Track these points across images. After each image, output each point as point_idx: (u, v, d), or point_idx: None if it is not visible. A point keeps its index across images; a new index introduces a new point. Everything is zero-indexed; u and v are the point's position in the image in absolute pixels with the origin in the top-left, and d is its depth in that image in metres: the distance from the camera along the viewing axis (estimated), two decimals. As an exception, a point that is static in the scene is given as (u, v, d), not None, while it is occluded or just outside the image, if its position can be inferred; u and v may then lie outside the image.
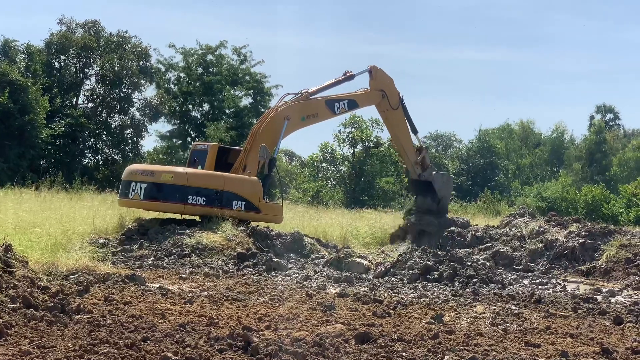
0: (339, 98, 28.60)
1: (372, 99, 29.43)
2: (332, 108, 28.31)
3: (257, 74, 69.96)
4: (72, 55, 63.58)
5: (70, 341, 9.60)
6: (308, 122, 28.08)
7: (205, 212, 25.04)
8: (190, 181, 24.90)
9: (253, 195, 25.49)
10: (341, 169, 67.64)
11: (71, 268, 15.98)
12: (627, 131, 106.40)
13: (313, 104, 27.89)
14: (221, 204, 24.96)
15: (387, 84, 29.39)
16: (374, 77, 29.17)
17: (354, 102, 29.09)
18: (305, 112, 27.70)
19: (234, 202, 25.17)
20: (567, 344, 11.56)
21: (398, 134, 30.37)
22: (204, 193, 24.83)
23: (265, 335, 10.78)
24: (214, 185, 25.09)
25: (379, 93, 29.16)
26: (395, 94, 29.42)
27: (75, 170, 57.41)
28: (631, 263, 23.76)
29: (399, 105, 29.41)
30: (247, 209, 25.36)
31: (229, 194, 25.10)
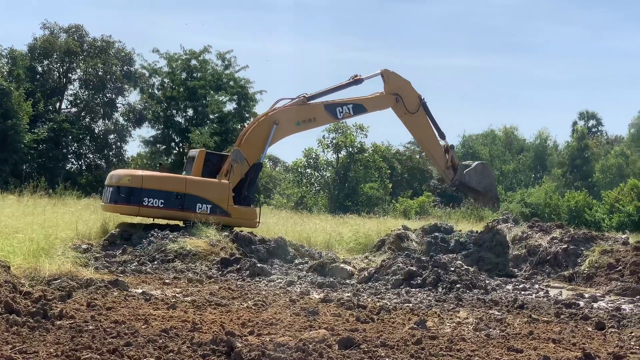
0: (343, 102, 27.88)
1: (384, 103, 28.37)
2: (333, 113, 27.70)
3: (242, 79, 69.96)
4: (55, 59, 63.45)
5: (53, 347, 9.56)
6: (304, 127, 27.73)
7: (163, 214, 25.32)
8: (145, 184, 25.10)
9: (220, 198, 25.38)
10: (325, 175, 67.67)
11: (54, 273, 15.92)
12: (610, 137, 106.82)
13: (310, 108, 27.40)
14: (182, 207, 25.02)
15: (402, 87, 28.29)
16: (386, 81, 28.22)
17: (361, 107, 28.12)
18: (301, 117, 27.28)
19: (197, 205, 25.16)
20: (549, 349, 11.60)
21: (422, 138, 29.71)
22: (161, 195, 24.90)
23: (249, 340, 10.77)
24: (174, 188, 25.16)
25: (392, 97, 28.08)
26: (413, 96, 28.28)
27: (58, 175, 57.23)
28: (613, 269, 23.87)
29: (418, 108, 28.23)
30: (213, 212, 25.22)
31: (192, 197, 25.12)
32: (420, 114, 28.21)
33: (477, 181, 28.78)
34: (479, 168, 29.20)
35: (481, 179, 28.81)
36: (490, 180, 29.29)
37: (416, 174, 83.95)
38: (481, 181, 28.84)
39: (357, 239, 30.94)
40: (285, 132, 27.16)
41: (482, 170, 29.16)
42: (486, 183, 28.99)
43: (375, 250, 27.72)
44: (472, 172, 28.89)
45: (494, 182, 29.56)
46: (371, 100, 28.20)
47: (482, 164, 29.76)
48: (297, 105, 27.28)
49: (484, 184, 28.92)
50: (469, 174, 28.87)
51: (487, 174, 29.28)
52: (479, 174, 28.90)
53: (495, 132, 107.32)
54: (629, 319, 15.74)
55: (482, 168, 29.31)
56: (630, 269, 23.46)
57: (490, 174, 29.52)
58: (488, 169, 29.65)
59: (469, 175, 28.86)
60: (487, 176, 29.21)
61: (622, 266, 23.89)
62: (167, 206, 25.00)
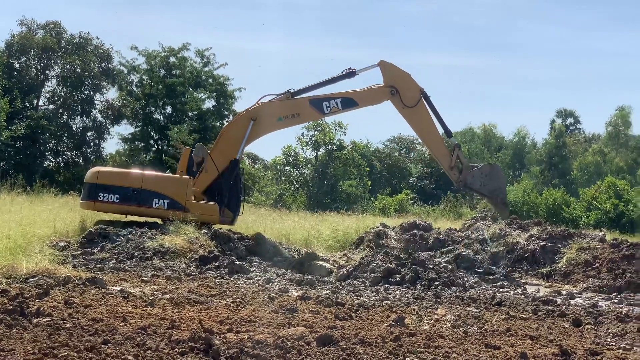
0: (330, 96, 26.19)
1: (377, 96, 26.38)
2: (319, 108, 26.12)
3: (221, 77, 69.87)
4: (32, 56, 63.11)
5: (30, 344, 9.52)
6: (287, 123, 26.60)
7: (119, 209, 25.64)
8: (100, 179, 25.60)
9: (177, 193, 25.33)
10: (304, 172, 67.70)
11: (31, 271, 15.84)
12: (588, 135, 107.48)
13: (293, 103, 26.07)
14: (139, 202, 25.23)
15: (400, 79, 26.28)
16: (384, 73, 26.29)
17: (352, 101, 26.21)
18: (283, 113, 26.13)
19: (154, 200, 25.25)
20: (526, 346, 11.66)
21: (422, 134, 27.63)
22: (116, 191, 25.29)
23: (227, 338, 10.76)
24: (129, 183, 25.46)
25: (387, 90, 26.10)
26: (413, 89, 26.22)
27: (35, 172, 56.97)
28: (590, 266, 24.01)
29: (417, 102, 26.15)
30: (171, 207, 25.18)
31: (148, 192, 25.25)
32: (420, 108, 26.21)
33: (483, 183, 26.65)
34: (485, 169, 26.95)
35: (487, 181, 26.64)
36: (498, 183, 26.89)
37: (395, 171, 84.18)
38: (487, 183, 26.68)
39: (335, 236, 30.95)
40: (265, 128, 26.28)
41: (489, 171, 26.92)
42: (493, 186, 26.83)
43: (354, 247, 27.72)
44: (477, 174, 26.75)
45: (503, 186, 27.19)
46: (363, 94, 26.40)
47: (490, 165, 27.56)
48: (279, 100, 26.23)
49: (491, 187, 26.84)
50: (473, 174, 26.71)
51: (494, 176, 26.89)
52: (485, 175, 26.69)
53: (474, 129, 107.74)
54: (605, 316, 15.84)
55: (490, 170, 27.07)
56: (607, 266, 23.60)
57: (498, 176, 27.03)
58: (497, 171, 27.19)
59: (473, 177, 26.72)
60: (494, 178, 26.83)
61: (599, 263, 24.03)
62: (123, 201, 25.29)
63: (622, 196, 58.75)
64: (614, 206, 57.16)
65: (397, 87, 26.04)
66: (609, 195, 58.95)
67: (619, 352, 11.65)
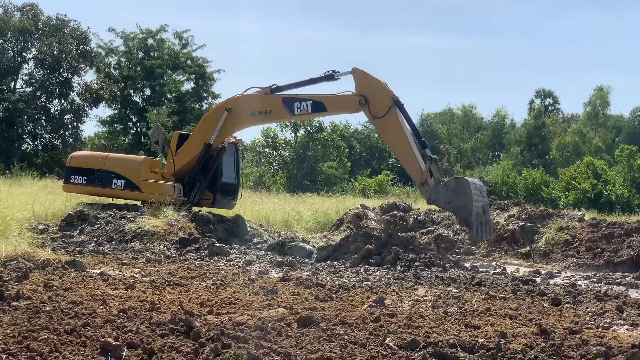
0: (303, 97, 24.62)
1: (346, 104, 24.46)
2: (290, 108, 24.60)
3: (199, 59, 69.59)
4: (9, 38, 62.55)
5: (9, 327, 9.48)
6: (259, 119, 25.93)
7: (86, 191, 26.19)
8: (71, 162, 26.56)
9: (133, 173, 25.49)
10: (284, 154, 67.69)
11: (10, 254, 15.76)
12: (566, 116, 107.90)
13: (267, 99, 25.01)
14: (101, 183, 25.66)
15: (371, 87, 23.77)
16: (356, 80, 24.05)
17: (321, 105, 24.42)
18: (257, 108, 25.20)
19: (113, 180, 25.56)
20: (506, 325, 11.71)
21: (392, 146, 25.60)
22: (84, 172, 25.88)
23: (208, 320, 10.75)
24: (93, 164, 25.98)
25: (356, 99, 23.71)
26: (383, 98, 23.53)
27: (13, 155, 56.63)
28: (569, 245, 24.19)
29: (385, 113, 23.36)
30: (127, 187, 25.48)
31: (109, 173, 25.58)
32: (390, 119, 23.50)
33: (448, 200, 22.75)
34: (451, 185, 22.93)
35: (452, 197, 22.63)
36: (464, 200, 22.58)
37: (374, 152, 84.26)
38: (452, 200, 22.65)
39: (315, 218, 30.99)
40: (239, 121, 25.61)
41: (454, 187, 22.79)
42: (458, 204, 22.67)
43: (334, 229, 27.79)
44: (442, 189, 22.82)
45: (469, 203, 22.55)
46: (333, 99, 24.61)
47: (456, 180, 23.39)
48: (256, 95, 25.41)
49: (455, 205, 22.71)
50: (438, 190, 22.85)
51: (460, 192, 22.70)
52: (451, 192, 22.72)
53: (453, 110, 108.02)
54: (584, 295, 15.94)
55: (455, 185, 22.89)
56: (586, 245, 23.78)
57: (465, 193, 22.63)
58: (463, 186, 22.76)
59: (438, 193, 22.83)
60: (460, 195, 22.68)
61: (577, 243, 24.21)
62: (89, 183, 25.85)
63: (600, 176, 59.14)
64: (593, 186, 57.53)
65: (367, 96, 23.64)
66: (588, 175, 59.32)
67: (598, 331, 11.72)
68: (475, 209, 22.20)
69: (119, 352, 8.51)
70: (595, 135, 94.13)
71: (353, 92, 23.92)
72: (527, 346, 9.66)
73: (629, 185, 57.97)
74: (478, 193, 22.47)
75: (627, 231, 23.82)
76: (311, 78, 25.02)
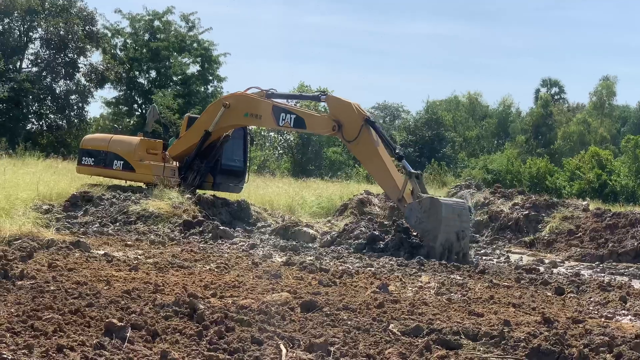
0: (290, 110, 24.61)
1: (322, 126, 24.25)
2: (277, 117, 24.43)
3: (205, 42, 69.48)
4: (16, 18, 62.39)
5: (14, 307, 9.49)
6: (250, 121, 25.95)
7: (94, 172, 26.63)
8: (83, 144, 27.23)
9: (129, 154, 25.72)
10: (288, 138, 67.60)
11: (14, 234, 15.79)
12: (572, 105, 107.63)
13: (260, 104, 24.94)
14: (105, 164, 26.01)
15: (342, 111, 23.16)
16: (329, 106, 24.12)
17: (302, 122, 24.18)
18: (250, 110, 25.12)
19: (114, 162, 25.84)
20: (509, 314, 11.72)
21: (368, 169, 25.19)
22: (93, 154, 26.35)
23: (211, 302, 10.76)
24: (100, 146, 26.34)
25: (331, 124, 23.23)
26: (354, 122, 22.78)
27: (18, 135, 56.58)
28: (573, 235, 24.18)
29: (357, 135, 22.56)
30: (125, 168, 25.76)
31: (112, 155, 25.90)
32: (362, 140, 22.68)
33: (418, 220, 20.82)
34: (425, 204, 20.85)
35: (424, 218, 20.71)
36: (434, 223, 20.55)
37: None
38: (423, 221, 20.73)
39: (320, 203, 31.00)
40: (232, 118, 25.54)
41: (428, 207, 20.78)
42: (427, 226, 20.66)
43: (338, 214, 27.80)
44: (416, 207, 20.97)
45: (437, 229, 20.47)
46: (313, 119, 24.48)
47: (432, 200, 21.07)
48: (252, 97, 25.36)
49: (425, 227, 20.72)
50: (411, 207, 21.09)
51: (433, 214, 20.64)
52: (424, 211, 20.77)
53: (459, 98, 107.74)
54: (587, 285, 15.96)
55: (430, 205, 20.78)
56: (590, 235, 23.78)
57: (437, 216, 20.53)
58: (436, 209, 20.65)
59: (410, 210, 21.09)
60: (432, 217, 20.63)
61: (581, 232, 24.20)
62: (96, 164, 26.22)
63: (605, 166, 58.99)
64: (597, 176, 57.37)
65: (340, 120, 23.04)
66: (593, 165, 59.16)
67: (601, 321, 11.73)
68: (444, 234, 20.40)
69: (123, 333, 8.52)
70: (600, 125, 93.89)
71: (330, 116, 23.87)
72: (530, 334, 9.66)
73: (633, 176, 57.82)
74: (455, 217, 20.74)
75: (631, 222, 23.80)
76: (301, 94, 26.30)
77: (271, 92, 25.16)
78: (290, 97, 26.14)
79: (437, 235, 20.39)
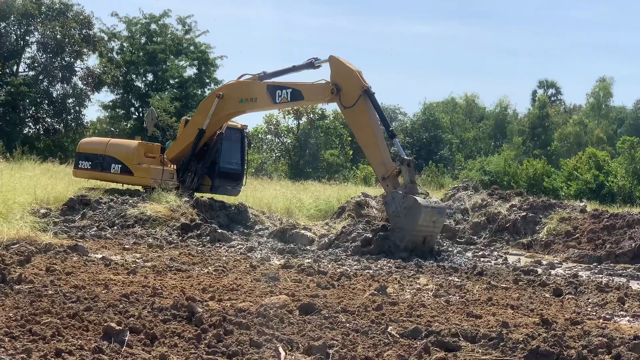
0: (285, 85, 24.36)
1: (321, 93, 23.80)
2: (272, 95, 24.38)
3: (202, 45, 69.49)
4: (12, 22, 62.36)
5: (12, 311, 9.48)
6: (246, 107, 25.60)
7: (91, 176, 26.73)
8: (80, 148, 27.34)
9: (127, 157, 25.83)
10: (286, 141, 67.60)
11: (12, 238, 15.78)
12: (568, 106, 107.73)
13: (253, 86, 24.97)
14: (102, 168, 26.11)
15: (344, 76, 22.96)
16: (331, 69, 23.44)
17: (299, 93, 24.02)
18: (244, 95, 25.20)
19: (112, 165, 25.95)
20: (507, 315, 11.72)
21: (359, 139, 24.10)
22: (90, 158, 26.44)
23: (210, 305, 10.76)
24: (97, 150, 26.43)
25: (329, 88, 23.08)
26: (354, 88, 22.61)
27: (15, 139, 56.53)
28: (571, 236, 24.19)
29: (355, 102, 22.41)
30: (123, 172, 25.85)
31: (109, 158, 26.02)
32: (359, 109, 22.51)
33: (397, 212, 20.82)
34: (408, 202, 20.67)
35: (402, 212, 20.69)
36: (407, 225, 20.57)
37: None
38: (400, 215, 20.73)
39: (317, 205, 30.99)
40: (228, 107, 25.52)
41: (409, 207, 20.64)
42: (402, 223, 20.70)
43: (335, 216, 27.76)
44: (398, 198, 20.85)
45: (409, 232, 20.50)
46: (309, 88, 24.05)
47: (415, 202, 20.65)
48: (244, 81, 25.47)
49: (398, 223, 20.81)
50: (394, 196, 21.04)
51: (410, 215, 20.58)
52: (403, 207, 20.70)
53: (456, 100, 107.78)
54: (585, 286, 15.96)
55: (411, 206, 20.62)
56: (587, 236, 23.79)
57: (413, 219, 20.51)
58: (415, 213, 20.50)
59: (392, 199, 21.08)
60: (409, 217, 20.62)
61: (579, 234, 24.21)
62: (93, 168, 26.32)
63: (602, 167, 59.07)
64: (594, 177, 57.44)
65: (340, 84, 22.92)
66: (590, 166, 59.24)
67: (599, 322, 11.74)
68: (413, 237, 20.49)
69: (122, 337, 8.52)
70: (597, 126, 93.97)
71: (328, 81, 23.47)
72: (528, 336, 9.66)
73: (630, 177, 57.89)
74: (430, 223, 20.74)
75: (628, 223, 23.82)
76: (293, 66, 24.88)
77: (262, 73, 25.03)
78: (282, 73, 25.09)
79: (405, 236, 20.50)
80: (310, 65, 24.41)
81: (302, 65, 24.51)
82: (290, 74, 25.02)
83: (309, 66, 24.41)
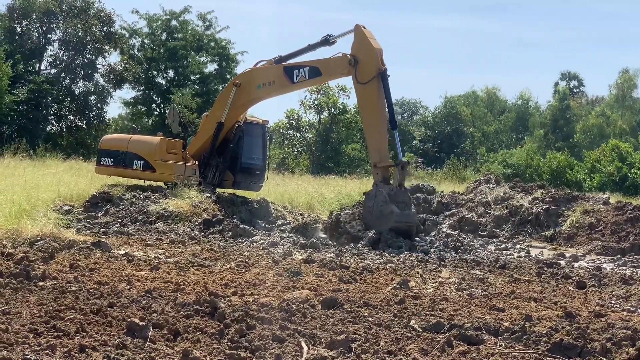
0: (301, 65, 23.97)
1: (338, 66, 23.21)
2: (290, 76, 23.95)
3: (223, 40, 69.64)
4: (34, 20, 62.80)
5: (36, 307, 9.54)
6: (265, 92, 25.17)
7: (113, 172, 26.74)
8: (102, 145, 27.40)
9: (149, 154, 25.88)
10: (307, 136, 67.64)
11: (36, 235, 15.85)
12: (591, 98, 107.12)
13: (270, 70, 24.73)
14: (125, 164, 26.18)
15: (364, 51, 22.44)
16: (354, 39, 22.77)
17: (316, 70, 23.49)
18: (262, 80, 24.88)
19: (134, 162, 26.02)
20: (531, 308, 11.67)
21: (363, 117, 23.86)
22: (112, 154, 26.52)
23: (232, 301, 10.77)
24: (119, 146, 26.50)
25: (347, 59, 22.66)
26: (371, 66, 22.17)
27: (38, 136, 56.93)
28: (594, 228, 24.03)
29: (369, 80, 22.06)
30: (145, 168, 25.89)
31: (131, 155, 26.08)
32: (370, 88, 22.16)
33: (372, 208, 20.80)
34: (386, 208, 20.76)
35: (375, 213, 20.74)
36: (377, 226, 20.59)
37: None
38: (373, 213, 20.75)
39: (339, 200, 30.99)
40: (247, 94, 25.27)
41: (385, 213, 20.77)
42: (372, 222, 20.76)
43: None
44: (380, 199, 20.87)
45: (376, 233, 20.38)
46: (327, 63, 23.46)
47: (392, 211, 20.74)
48: (260, 67, 25.27)
49: (369, 220, 20.86)
50: (376, 194, 20.99)
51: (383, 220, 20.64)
52: (380, 209, 20.76)
53: (477, 93, 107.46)
54: (609, 278, 15.86)
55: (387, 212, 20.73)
56: (611, 228, 23.63)
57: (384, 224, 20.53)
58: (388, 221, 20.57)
59: (375, 196, 21.09)
60: (381, 220, 20.60)
61: (602, 226, 24.05)
62: (115, 164, 26.39)
63: (625, 159, 58.70)
64: (618, 169, 57.10)
65: (358, 57, 22.49)
66: (613, 157, 58.89)
67: (624, 314, 11.66)
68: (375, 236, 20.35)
69: (145, 332, 8.55)
70: (620, 118, 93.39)
71: (345, 53, 23.04)
72: (552, 329, 9.62)
73: (653, 169, 57.54)
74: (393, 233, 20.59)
75: (652, 214, 23.63)
76: (308, 45, 24.51)
77: (278, 57, 24.88)
78: (298, 54, 24.63)
79: (369, 234, 20.45)
80: (325, 42, 23.97)
81: (317, 43, 24.14)
82: (306, 53, 24.68)
83: (324, 43, 23.96)
